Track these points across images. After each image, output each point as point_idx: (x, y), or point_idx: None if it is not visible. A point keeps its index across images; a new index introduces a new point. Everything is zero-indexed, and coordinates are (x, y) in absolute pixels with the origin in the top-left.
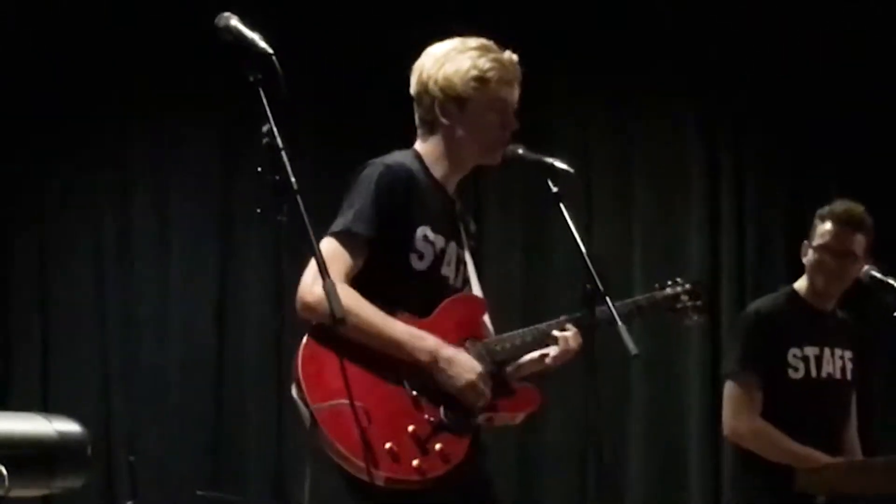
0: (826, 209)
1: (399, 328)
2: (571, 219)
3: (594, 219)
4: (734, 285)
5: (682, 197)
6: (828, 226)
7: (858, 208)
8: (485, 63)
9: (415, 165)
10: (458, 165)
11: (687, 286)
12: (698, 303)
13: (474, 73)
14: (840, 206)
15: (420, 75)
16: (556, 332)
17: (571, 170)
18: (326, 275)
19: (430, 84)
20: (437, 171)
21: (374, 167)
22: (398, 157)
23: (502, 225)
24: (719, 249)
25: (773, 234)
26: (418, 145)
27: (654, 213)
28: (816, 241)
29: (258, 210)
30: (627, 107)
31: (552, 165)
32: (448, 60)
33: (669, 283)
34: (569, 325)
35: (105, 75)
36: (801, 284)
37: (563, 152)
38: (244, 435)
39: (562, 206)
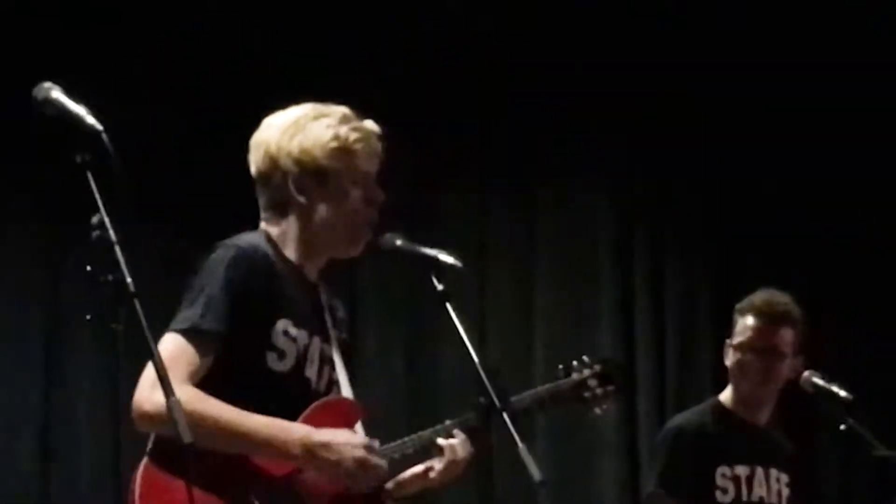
0: (745, 301)
1: (259, 422)
2: (461, 320)
3: (489, 316)
4: (653, 393)
5: (591, 289)
6: (748, 320)
7: (782, 298)
8: (347, 132)
9: (267, 248)
10: (315, 251)
11: (596, 368)
12: (609, 387)
13: (336, 143)
14: (761, 296)
15: (267, 150)
16: (441, 441)
17: (459, 264)
18: (171, 392)
19: (282, 158)
20: (293, 254)
21: (225, 249)
22: (251, 238)
23: (382, 324)
24: (634, 351)
25: (698, 332)
26: (266, 226)
27: (559, 310)
28: (737, 339)
29: (88, 317)
30: (529, 181)
31: (436, 259)
32: (301, 130)
33: (575, 363)
34: (456, 432)
35: None
36: (726, 395)
37: (453, 236)
38: None
39: (449, 306)
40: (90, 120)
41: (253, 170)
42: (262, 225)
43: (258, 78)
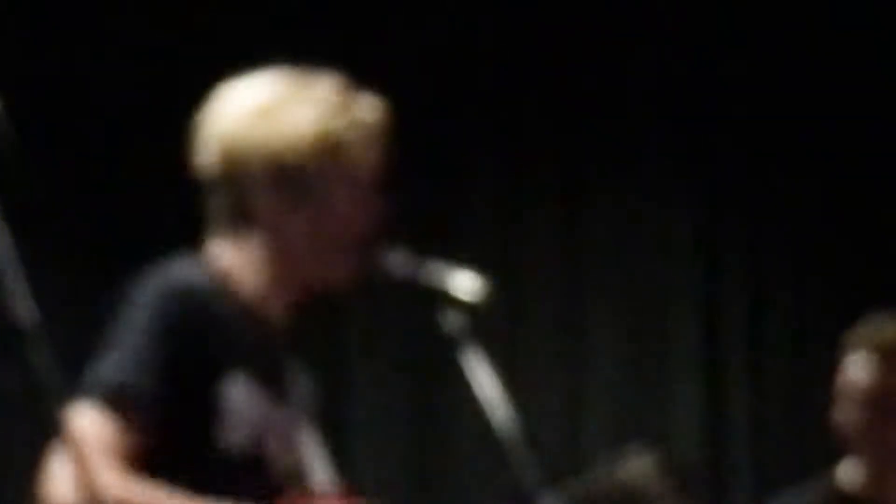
0: (853, 334)
1: None
2: (483, 374)
3: (521, 368)
4: (749, 479)
5: (661, 334)
6: (859, 360)
7: None
8: (338, 121)
9: (213, 284)
10: (284, 283)
11: (650, 459)
12: (676, 483)
13: (322, 137)
14: (876, 325)
15: (223, 142)
16: None
17: (479, 298)
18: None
19: (249, 154)
20: (251, 289)
21: (153, 286)
22: (186, 268)
23: (374, 382)
24: (723, 419)
25: (811, 393)
26: (216, 251)
27: (620, 363)
28: (844, 388)
29: None
30: (579, 190)
31: (446, 292)
32: (274, 116)
33: (630, 450)
34: None
35: None
36: (844, 468)
37: (473, 258)
38: None
39: (466, 355)
40: None
41: (202, 164)
42: (212, 245)
43: (216, 48)
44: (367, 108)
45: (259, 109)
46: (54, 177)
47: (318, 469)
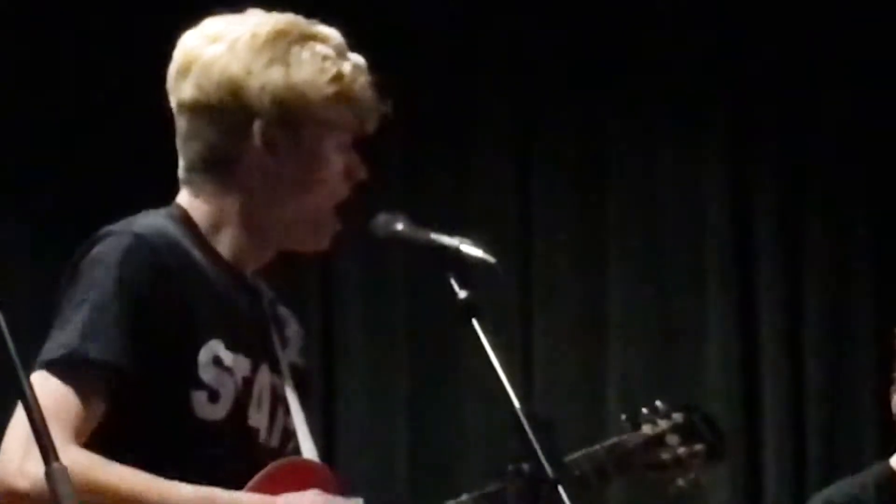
0: None
1: (186, 493)
2: (494, 345)
3: (537, 338)
4: (784, 454)
5: (690, 298)
6: None
7: None
8: (353, 72)
9: (181, 234)
10: (264, 241)
11: (676, 418)
12: (698, 447)
13: (338, 86)
14: None
15: (225, 72)
16: None
17: (493, 259)
18: (53, 456)
19: (253, 91)
20: (227, 244)
21: (116, 238)
22: (153, 220)
23: (373, 353)
24: (758, 385)
25: (853, 365)
26: (187, 200)
27: (642, 330)
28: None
29: None
30: (602, 131)
31: (458, 252)
32: (283, 56)
33: (645, 411)
34: None
35: None
36: None
37: (483, 218)
38: None
39: (475, 323)
40: None
41: (189, 94)
42: (181, 194)
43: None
44: (364, 65)
45: (266, 46)
46: (23, 152)
47: (303, 439)
